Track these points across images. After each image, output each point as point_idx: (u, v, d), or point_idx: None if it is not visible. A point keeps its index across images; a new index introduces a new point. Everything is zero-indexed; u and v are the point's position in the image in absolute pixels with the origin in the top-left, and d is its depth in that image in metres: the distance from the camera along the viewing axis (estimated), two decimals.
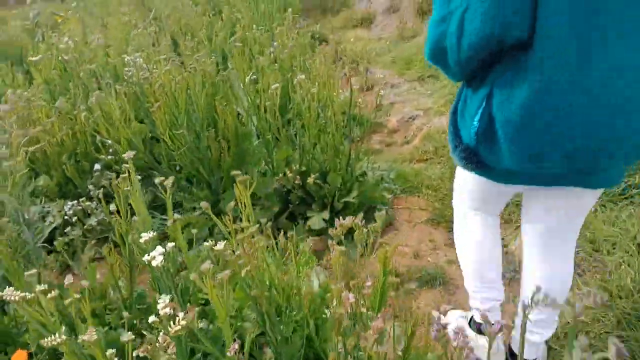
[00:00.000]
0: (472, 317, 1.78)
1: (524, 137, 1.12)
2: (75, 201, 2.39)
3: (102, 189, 2.39)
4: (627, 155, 1.15)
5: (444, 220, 2.61)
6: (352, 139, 2.45)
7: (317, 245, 2.47)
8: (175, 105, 2.23)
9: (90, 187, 2.36)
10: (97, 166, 2.59)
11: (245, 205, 1.29)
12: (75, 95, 2.70)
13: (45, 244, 2.54)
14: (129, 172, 1.40)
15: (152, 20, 4.83)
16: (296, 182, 2.32)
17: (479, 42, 1.08)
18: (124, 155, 1.43)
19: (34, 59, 2.60)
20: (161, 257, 1.08)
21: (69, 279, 1.06)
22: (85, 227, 2.41)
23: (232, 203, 1.26)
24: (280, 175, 2.34)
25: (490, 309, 1.65)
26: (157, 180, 1.31)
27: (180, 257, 1.42)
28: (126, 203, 1.45)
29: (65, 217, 2.41)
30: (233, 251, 1.17)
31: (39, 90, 2.89)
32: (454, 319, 1.86)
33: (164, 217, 2.58)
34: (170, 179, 1.28)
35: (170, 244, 1.17)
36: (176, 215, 1.24)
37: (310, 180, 2.29)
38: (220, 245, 1.13)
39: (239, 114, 2.88)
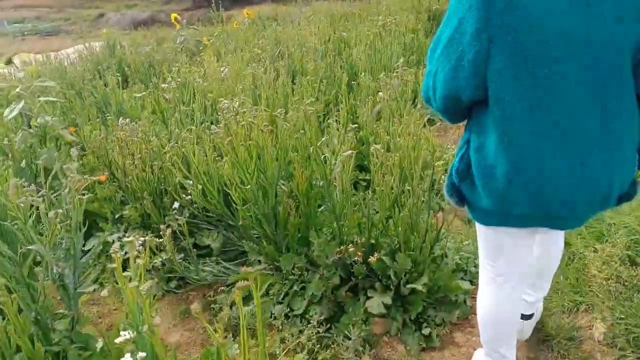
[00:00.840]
0: None
1: (492, 183, 1.28)
2: (144, 238, 2.44)
3: (169, 228, 2.44)
4: (589, 202, 1.27)
5: None
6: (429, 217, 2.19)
7: (376, 329, 2.23)
8: (247, 160, 2.18)
9: (162, 227, 2.41)
10: (175, 204, 2.65)
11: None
12: (171, 132, 2.80)
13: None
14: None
15: (276, 57, 4.97)
16: (357, 258, 2.12)
17: (443, 99, 1.30)
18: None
19: (138, 95, 2.76)
20: None
21: None
22: (151, 263, 2.45)
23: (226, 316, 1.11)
24: (342, 247, 2.16)
25: None
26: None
27: None
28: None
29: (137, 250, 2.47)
30: None
31: (146, 122, 3.06)
32: None
33: (227, 265, 2.54)
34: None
35: (141, 354, 1.06)
36: (157, 319, 1.13)
37: (372, 259, 2.08)
38: None
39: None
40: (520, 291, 1.65)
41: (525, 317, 1.96)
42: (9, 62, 3.02)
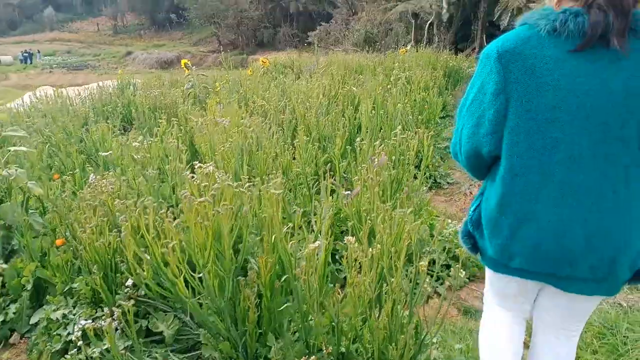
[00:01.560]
0: None
1: (496, 233, 1.35)
2: (85, 321, 2.13)
3: (115, 312, 2.12)
4: (590, 264, 1.25)
5: None
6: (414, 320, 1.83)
7: None
8: (204, 242, 1.88)
9: (106, 310, 2.10)
10: (129, 282, 2.35)
11: None
12: (138, 196, 2.53)
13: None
14: None
15: (279, 111, 4.75)
16: None
17: (467, 153, 1.40)
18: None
19: (104, 153, 2.51)
20: None
21: None
22: (88, 353, 2.12)
23: None
24: (304, 357, 1.80)
25: None
26: None
27: None
28: None
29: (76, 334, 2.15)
30: None
31: (118, 181, 2.80)
32: None
33: (178, 358, 2.20)
34: None
35: None
36: None
37: None
38: None
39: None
40: (518, 322, 1.62)
41: None
42: None
